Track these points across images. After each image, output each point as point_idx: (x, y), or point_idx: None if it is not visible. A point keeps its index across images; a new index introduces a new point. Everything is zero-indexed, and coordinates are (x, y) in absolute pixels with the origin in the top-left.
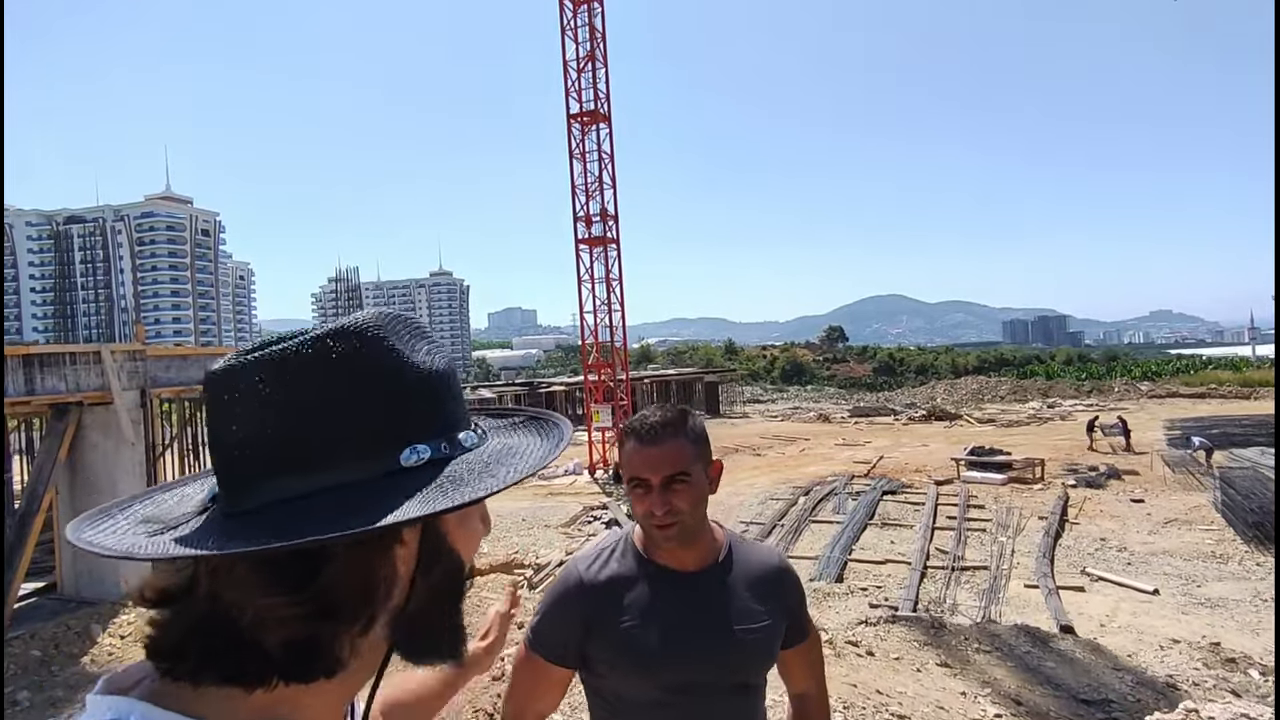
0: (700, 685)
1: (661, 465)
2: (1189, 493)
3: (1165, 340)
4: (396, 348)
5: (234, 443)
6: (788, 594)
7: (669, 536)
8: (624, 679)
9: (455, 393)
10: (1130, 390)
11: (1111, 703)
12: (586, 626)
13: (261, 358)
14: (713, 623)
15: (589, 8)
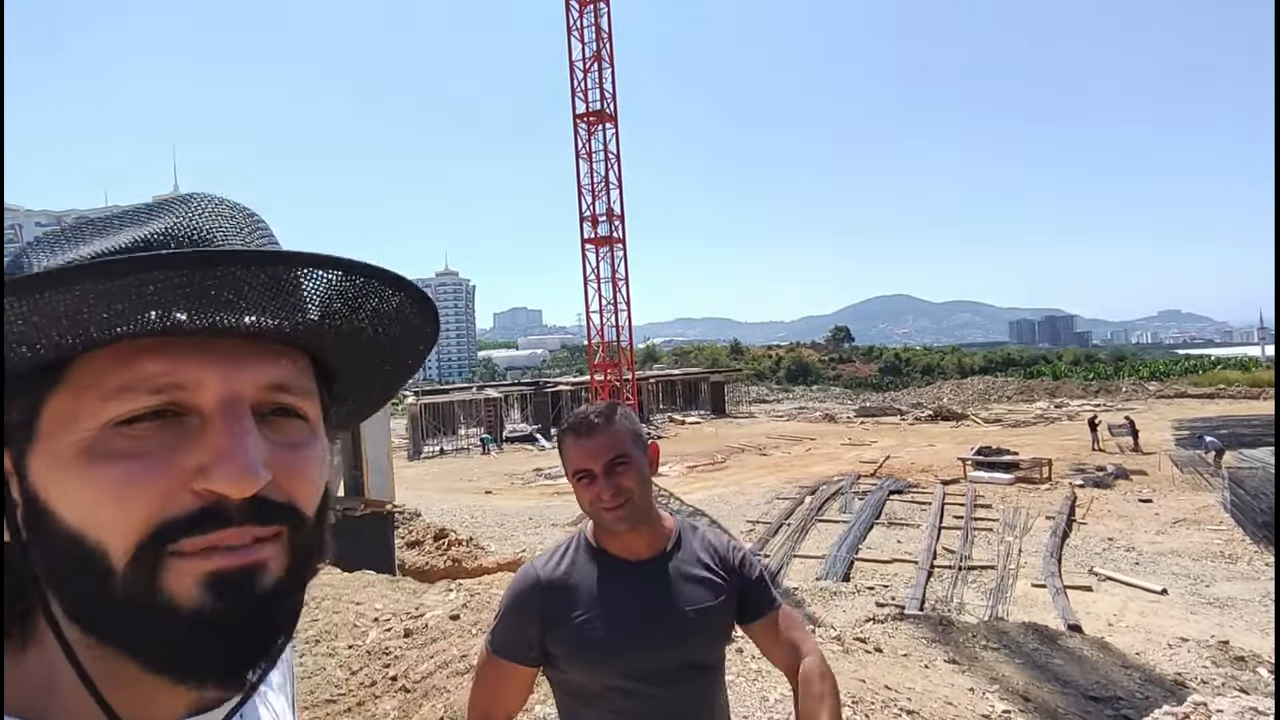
0: (657, 669)
1: (601, 452)
2: (1197, 493)
3: (1173, 340)
4: (24, 256)
5: None
6: (739, 571)
7: (620, 518)
8: (584, 671)
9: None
10: (1138, 390)
11: (1120, 699)
12: (545, 623)
13: None
14: (663, 607)
15: (595, 8)
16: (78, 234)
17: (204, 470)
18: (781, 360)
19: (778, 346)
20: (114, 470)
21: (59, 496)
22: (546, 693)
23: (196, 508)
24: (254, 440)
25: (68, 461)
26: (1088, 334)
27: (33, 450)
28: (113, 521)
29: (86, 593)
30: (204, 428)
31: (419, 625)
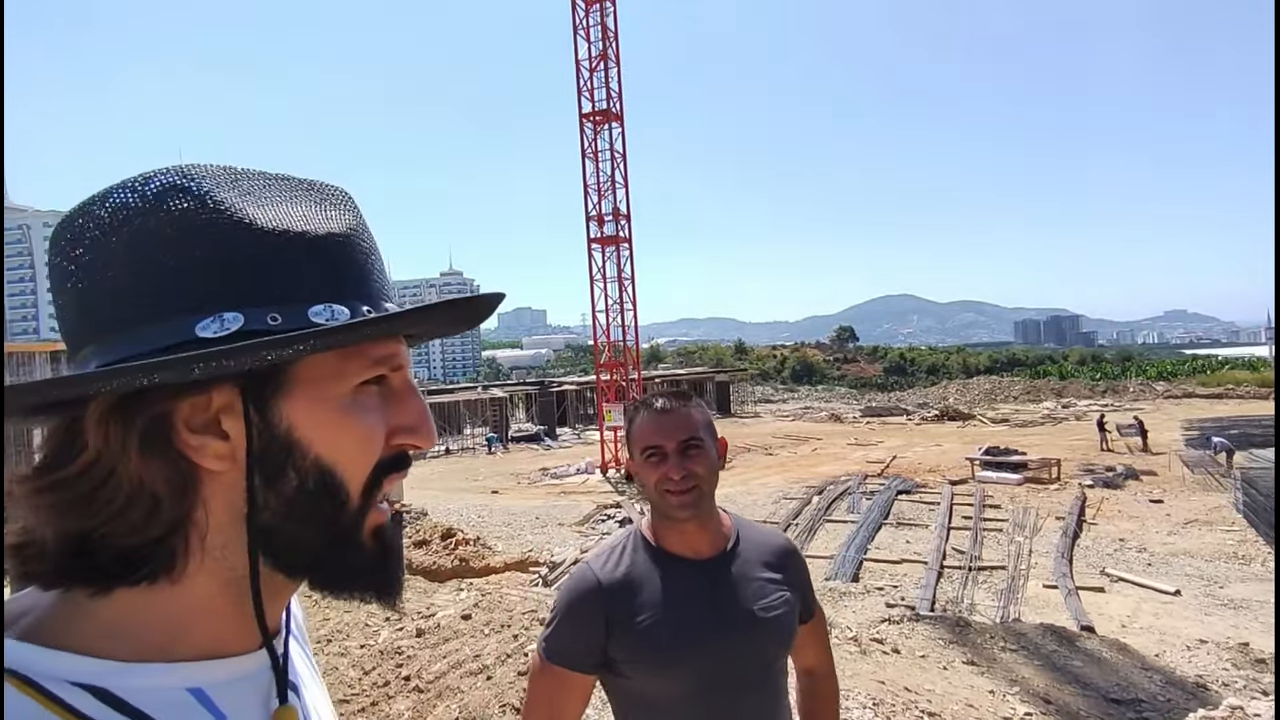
0: (729, 672)
1: (676, 431)
2: (1208, 493)
3: (1180, 340)
4: (216, 198)
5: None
6: (797, 571)
7: (685, 503)
8: (650, 676)
9: (329, 263)
10: (1146, 390)
11: (1142, 702)
12: (608, 627)
13: (64, 226)
14: (735, 607)
15: (601, 7)
16: (271, 192)
17: (411, 430)
18: (786, 360)
19: (782, 346)
20: (366, 420)
21: (318, 436)
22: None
23: (394, 455)
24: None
25: (331, 409)
26: (1093, 334)
27: (289, 396)
28: (356, 461)
29: (316, 519)
30: (399, 396)
31: (431, 625)
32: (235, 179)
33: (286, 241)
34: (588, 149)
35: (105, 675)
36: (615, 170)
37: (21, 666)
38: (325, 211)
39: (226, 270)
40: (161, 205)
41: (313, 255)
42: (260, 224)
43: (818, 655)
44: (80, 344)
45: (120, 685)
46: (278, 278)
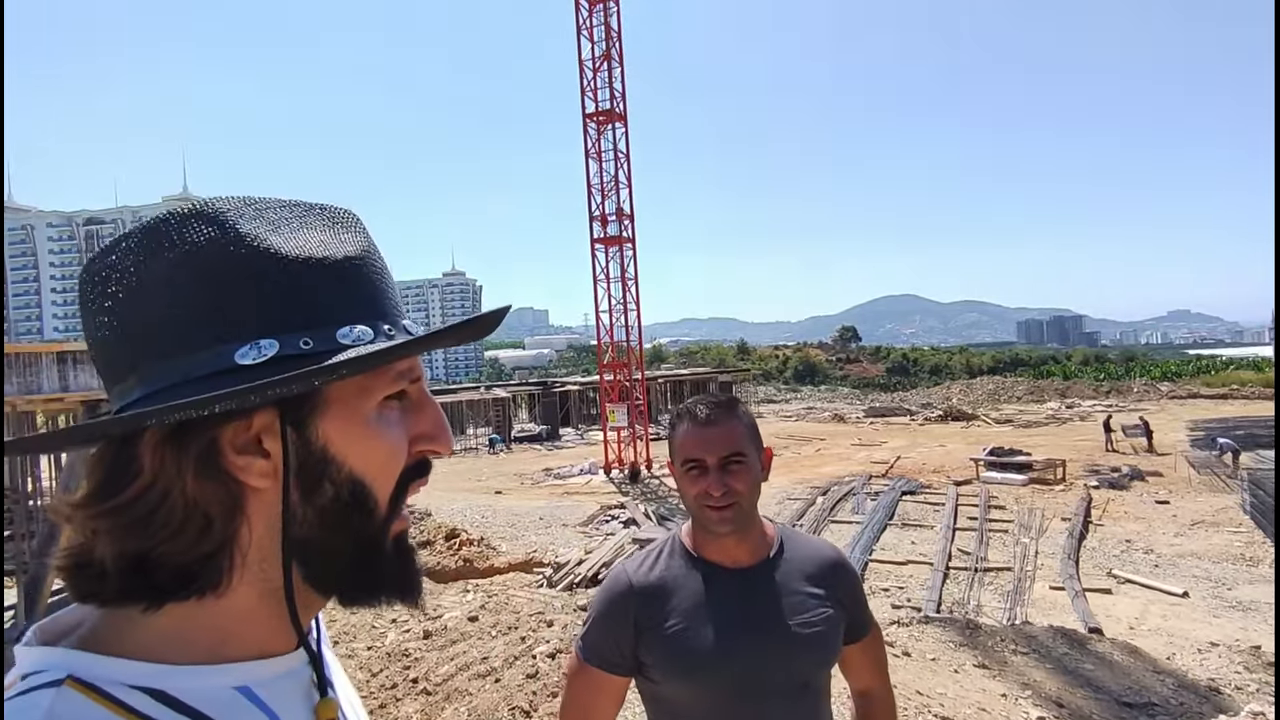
0: (760, 686)
1: (718, 445)
2: (1215, 494)
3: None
4: (243, 230)
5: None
6: (845, 587)
7: (724, 519)
8: (680, 683)
9: (349, 285)
10: (1150, 391)
11: (1155, 705)
12: (639, 630)
13: (96, 255)
14: (769, 619)
15: (605, 7)
16: (288, 219)
17: (431, 438)
18: (789, 360)
19: (785, 346)
20: (392, 432)
21: (348, 451)
22: None
23: (416, 462)
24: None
25: (359, 424)
26: (1096, 334)
27: (324, 415)
28: (385, 472)
29: (348, 530)
30: (419, 406)
31: (438, 627)
32: (256, 210)
33: (309, 268)
34: (591, 149)
35: (160, 677)
36: (619, 170)
37: (83, 673)
38: (339, 235)
39: (258, 299)
40: (191, 239)
41: (334, 279)
42: (284, 252)
43: (873, 677)
44: (121, 374)
45: (174, 686)
46: (305, 303)
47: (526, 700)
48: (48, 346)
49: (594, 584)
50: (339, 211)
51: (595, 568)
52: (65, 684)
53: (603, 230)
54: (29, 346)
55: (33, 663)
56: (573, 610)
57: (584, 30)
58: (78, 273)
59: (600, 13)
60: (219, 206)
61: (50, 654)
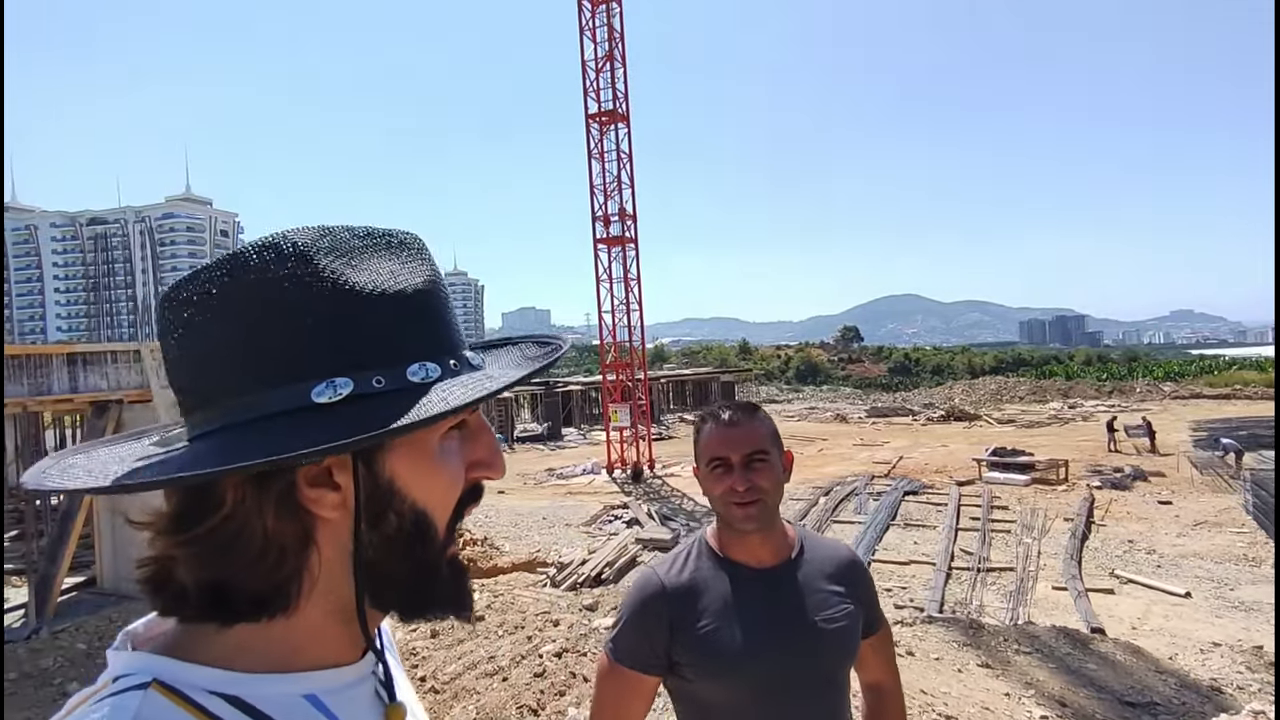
0: (788, 681)
1: (742, 444)
2: (1217, 495)
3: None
4: (318, 266)
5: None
6: (861, 584)
7: (749, 516)
8: (711, 681)
9: (418, 318)
10: (1153, 391)
11: (1157, 705)
12: (671, 630)
13: (176, 287)
14: (796, 616)
15: (608, 8)
16: (359, 251)
17: (487, 464)
18: (790, 360)
19: (786, 346)
20: (452, 463)
21: (412, 483)
22: (580, 694)
23: (470, 488)
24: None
25: (425, 458)
26: (1099, 334)
27: (391, 451)
28: (444, 501)
29: (411, 556)
30: (475, 433)
31: (445, 625)
32: (331, 242)
33: (382, 302)
34: (594, 150)
35: (236, 684)
36: (621, 171)
37: (167, 677)
38: (408, 265)
39: (333, 336)
40: (268, 274)
41: (404, 314)
42: (358, 287)
43: (883, 671)
44: (199, 403)
45: (249, 693)
46: (377, 340)
47: (534, 699)
48: (58, 348)
49: (598, 583)
50: (406, 238)
51: (599, 567)
52: (151, 687)
53: (605, 230)
54: (40, 348)
55: (123, 666)
56: (578, 610)
57: (587, 31)
58: (81, 273)
59: (603, 13)
60: (295, 240)
61: (138, 659)
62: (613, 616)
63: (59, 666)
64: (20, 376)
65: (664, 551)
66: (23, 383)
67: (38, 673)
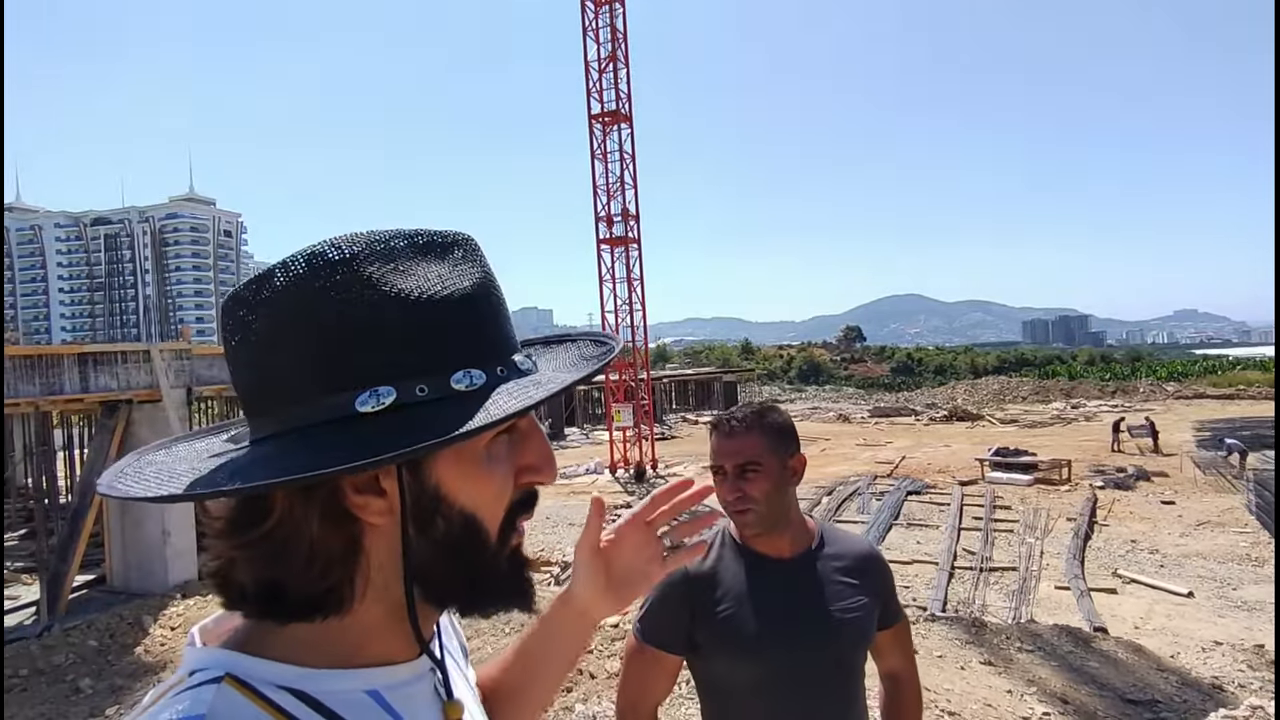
0: (802, 667)
1: (735, 454)
2: (1220, 495)
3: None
4: (363, 274)
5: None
6: (879, 578)
7: (744, 522)
8: (729, 663)
9: (465, 324)
10: (1156, 391)
11: (1159, 703)
12: (692, 614)
13: (233, 296)
14: (811, 605)
15: (611, 9)
16: (405, 256)
17: (536, 468)
18: (793, 360)
19: (789, 346)
20: (498, 470)
21: (459, 489)
22: (588, 691)
23: (523, 495)
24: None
25: (474, 463)
26: (1102, 334)
27: (438, 457)
28: (495, 505)
29: (463, 560)
30: (524, 438)
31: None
32: (378, 249)
33: (427, 308)
34: (597, 150)
35: (302, 679)
36: (624, 171)
37: (239, 672)
38: (458, 269)
39: (377, 345)
40: (320, 282)
41: (451, 319)
42: (403, 293)
43: (901, 661)
44: (256, 408)
45: (314, 688)
46: (422, 348)
47: None
48: (69, 348)
49: None
50: (459, 239)
51: None
52: (224, 681)
53: (608, 231)
54: (51, 348)
55: (197, 660)
56: None
57: (590, 32)
58: (85, 273)
59: (606, 14)
60: (342, 246)
61: (212, 654)
62: (616, 615)
63: (71, 663)
64: (32, 376)
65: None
66: (34, 382)
67: (50, 669)
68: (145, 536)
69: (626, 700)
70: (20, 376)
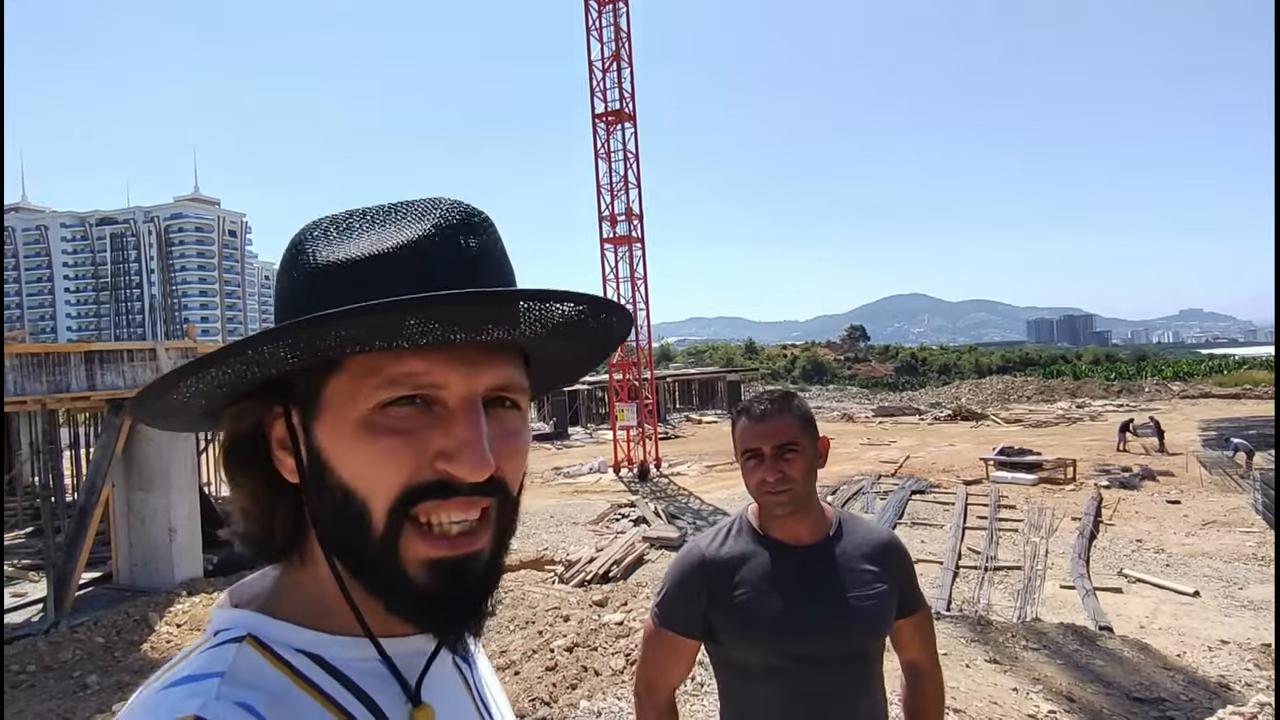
0: (818, 653)
1: (772, 436)
2: (1226, 494)
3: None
4: (304, 251)
5: None
6: (898, 566)
7: (781, 503)
8: (746, 648)
9: (377, 278)
10: (1162, 390)
11: (1165, 701)
12: (710, 599)
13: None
14: (828, 592)
15: (614, 8)
16: (349, 229)
17: (448, 455)
18: (796, 359)
19: (792, 346)
20: (383, 443)
21: (338, 457)
22: (593, 688)
23: (434, 479)
24: (486, 434)
25: (348, 430)
26: (1107, 333)
27: (320, 418)
28: (377, 483)
29: (350, 539)
30: (448, 417)
31: None
32: (328, 227)
33: (342, 271)
34: (600, 149)
35: (319, 644)
36: (628, 170)
37: (259, 633)
38: (398, 227)
39: (287, 310)
40: (287, 258)
41: (340, 285)
42: (323, 261)
43: (921, 651)
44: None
45: (330, 654)
46: (309, 311)
47: (546, 691)
48: (76, 347)
49: (606, 581)
50: (418, 203)
51: (606, 565)
52: (245, 641)
53: (612, 230)
54: (58, 346)
55: (223, 620)
56: (588, 605)
57: (594, 31)
58: (91, 272)
59: (610, 13)
60: (300, 232)
61: (237, 615)
62: (621, 613)
63: (78, 659)
64: (39, 374)
65: (671, 550)
66: (42, 380)
67: (57, 665)
68: (151, 534)
69: (645, 683)
70: (28, 374)
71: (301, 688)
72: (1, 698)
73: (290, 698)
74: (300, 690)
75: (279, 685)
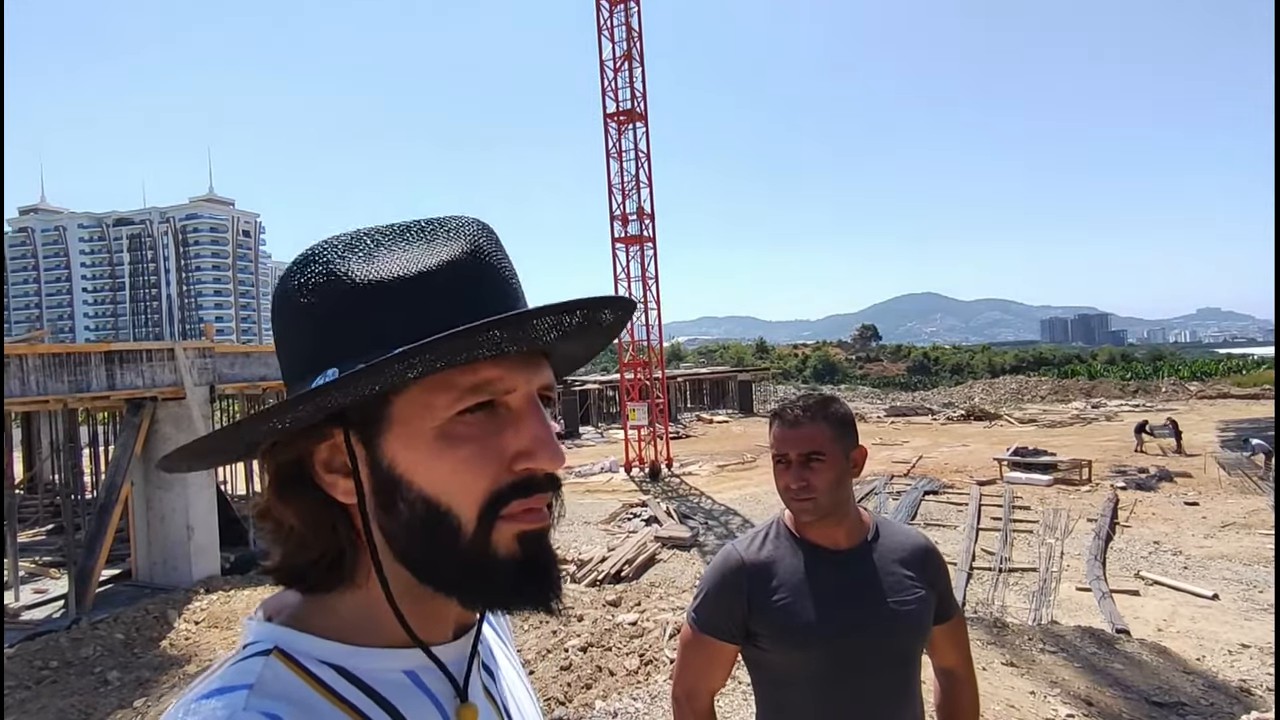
0: (858, 658)
1: (799, 443)
2: (1246, 496)
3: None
4: (332, 268)
5: None
6: (934, 571)
7: (804, 510)
8: (785, 653)
9: (414, 301)
10: (1179, 391)
11: (1185, 705)
12: (749, 603)
13: (274, 291)
14: (867, 596)
15: (625, 7)
16: (383, 244)
17: (527, 453)
18: (808, 359)
19: (804, 345)
20: (463, 450)
21: (417, 469)
22: (608, 688)
23: (516, 480)
24: (553, 430)
25: (425, 443)
26: (1123, 333)
27: (388, 434)
28: (464, 490)
29: (436, 545)
30: (515, 419)
31: None
32: (354, 243)
33: (377, 292)
34: (612, 149)
35: (345, 656)
36: (640, 170)
37: (287, 646)
38: (430, 248)
39: (332, 330)
40: (296, 279)
41: (401, 299)
42: (359, 280)
43: (957, 656)
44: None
45: (356, 666)
46: (363, 330)
47: (561, 692)
48: (96, 347)
49: (618, 580)
50: (446, 222)
51: (618, 565)
52: (273, 654)
53: (623, 230)
54: (79, 346)
55: (253, 633)
56: (602, 605)
57: (605, 31)
58: (108, 272)
59: (621, 13)
60: (321, 246)
61: (266, 629)
62: (635, 613)
63: (98, 655)
64: (60, 374)
65: (682, 549)
66: (63, 380)
67: (79, 661)
68: (170, 532)
69: (683, 689)
70: (49, 374)
71: (326, 698)
72: (1, 698)
73: (315, 708)
74: (325, 701)
75: (305, 696)
